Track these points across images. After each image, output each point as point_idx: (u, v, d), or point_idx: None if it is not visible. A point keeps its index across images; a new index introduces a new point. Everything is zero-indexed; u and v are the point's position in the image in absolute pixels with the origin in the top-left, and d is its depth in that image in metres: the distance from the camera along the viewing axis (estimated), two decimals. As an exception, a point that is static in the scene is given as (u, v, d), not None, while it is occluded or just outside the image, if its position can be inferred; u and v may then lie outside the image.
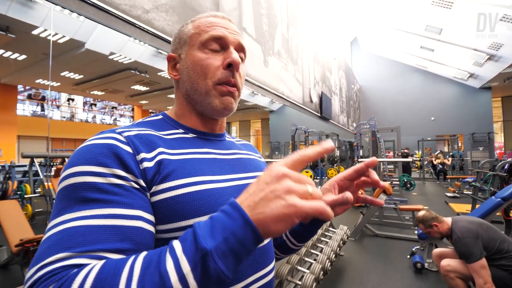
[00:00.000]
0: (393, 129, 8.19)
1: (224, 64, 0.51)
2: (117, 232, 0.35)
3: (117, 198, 0.37)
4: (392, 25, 11.09)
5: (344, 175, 0.52)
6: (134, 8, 1.91)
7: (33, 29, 5.65)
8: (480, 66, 9.96)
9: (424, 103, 13.72)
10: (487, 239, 1.93)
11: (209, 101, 0.52)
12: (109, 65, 8.19)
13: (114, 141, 0.41)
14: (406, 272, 2.81)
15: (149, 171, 0.42)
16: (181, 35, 0.54)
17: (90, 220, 0.34)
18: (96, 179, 0.37)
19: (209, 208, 0.44)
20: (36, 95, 12.92)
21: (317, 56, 6.03)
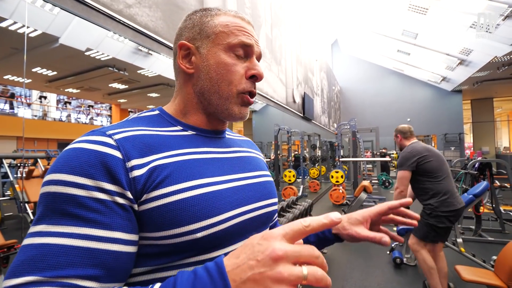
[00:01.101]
0: (372, 129, 8.47)
1: (248, 74, 0.51)
2: (90, 256, 0.34)
3: (96, 217, 0.36)
4: (371, 29, 11.46)
5: (379, 211, 0.54)
6: (115, 2, 1.84)
7: (1, 21, 5.31)
8: (452, 70, 10.51)
9: (400, 105, 14.27)
10: (432, 167, 2.13)
11: (228, 107, 0.51)
12: (85, 62, 7.84)
13: (103, 147, 0.39)
14: (386, 268, 2.91)
15: (139, 179, 0.40)
16: (203, 26, 0.51)
17: (66, 239, 0.34)
18: (78, 192, 0.36)
19: (204, 214, 0.42)
20: (4, 92, 12.16)
21: (300, 57, 6.11)
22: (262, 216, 0.53)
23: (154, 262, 0.41)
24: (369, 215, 0.54)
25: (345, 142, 10.59)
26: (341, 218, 0.31)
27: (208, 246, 0.43)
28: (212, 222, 0.42)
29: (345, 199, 5.82)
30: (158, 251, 0.41)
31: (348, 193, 6.43)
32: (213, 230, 0.43)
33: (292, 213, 2.87)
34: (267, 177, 0.60)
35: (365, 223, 0.55)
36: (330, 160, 10.05)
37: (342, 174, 5.97)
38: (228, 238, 0.46)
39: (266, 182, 0.58)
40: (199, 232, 0.41)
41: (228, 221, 0.45)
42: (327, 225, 0.31)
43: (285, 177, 6.56)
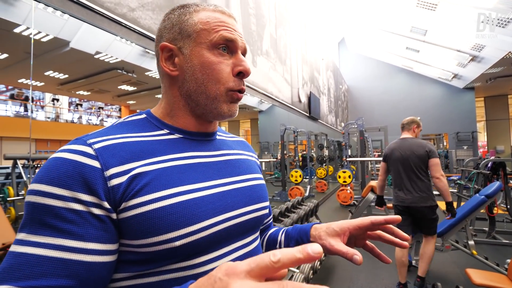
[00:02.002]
0: (380, 128, 8.33)
1: (234, 71, 0.49)
2: (63, 266, 0.35)
3: (71, 228, 0.37)
4: (378, 26, 11.29)
5: (359, 224, 0.51)
6: (119, 6, 1.86)
7: (15, 27, 5.46)
8: (463, 67, 10.26)
9: (410, 103, 14.03)
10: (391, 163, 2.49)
11: (217, 106, 0.49)
12: (95, 65, 7.99)
13: (82, 157, 0.39)
14: (394, 270, 2.86)
15: (118, 188, 0.40)
16: (182, 25, 0.49)
17: (41, 249, 0.35)
18: (55, 203, 0.37)
19: (183, 222, 0.41)
20: (19, 95, 12.52)
21: (305, 57, 6.07)
22: (250, 221, 0.52)
23: (135, 268, 0.42)
24: (348, 228, 0.52)
25: (353, 142, 10.46)
26: (320, 252, 0.25)
27: (189, 253, 0.43)
28: (191, 230, 0.42)
29: (353, 200, 5.75)
30: (138, 258, 0.41)
31: (356, 193, 6.35)
32: (192, 238, 0.42)
33: (297, 214, 2.85)
34: (257, 180, 0.58)
35: (342, 236, 0.51)
36: (338, 160, 9.95)
37: (349, 174, 5.90)
38: (211, 245, 0.45)
39: (255, 186, 0.56)
40: (178, 240, 0.41)
41: (210, 228, 0.44)
42: (301, 261, 0.25)
43: (292, 177, 6.53)
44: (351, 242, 0.55)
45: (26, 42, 6.08)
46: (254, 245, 0.54)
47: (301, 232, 0.59)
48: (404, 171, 2.37)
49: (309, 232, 0.57)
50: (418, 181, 2.32)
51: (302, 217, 2.88)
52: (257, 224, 0.55)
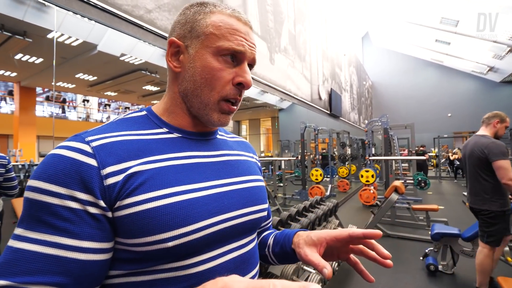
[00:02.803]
0: (406, 126, 7.96)
1: (235, 81, 0.48)
2: (58, 264, 0.36)
3: (67, 226, 0.37)
4: (405, 19, 10.77)
5: (337, 236, 0.49)
6: (136, 8, 1.91)
7: (48, 33, 5.82)
8: (500, 59, 9.53)
9: (439, 99, 13.27)
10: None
11: (207, 113, 0.49)
12: (121, 66, 8.34)
13: (80, 155, 0.39)
14: (418, 274, 2.72)
15: (114, 186, 0.40)
16: (194, 24, 0.48)
17: (37, 246, 0.36)
18: (52, 200, 0.37)
19: (177, 223, 0.41)
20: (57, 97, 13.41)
21: (326, 52, 5.92)
22: (247, 223, 0.51)
23: (128, 266, 0.42)
24: (325, 239, 0.50)
25: (378, 140, 10.08)
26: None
27: (182, 254, 0.42)
28: (185, 231, 0.41)
29: (376, 200, 5.55)
30: (131, 257, 0.41)
31: (380, 193, 6.12)
32: (186, 239, 0.41)
33: (315, 213, 2.79)
34: (256, 182, 0.57)
35: (319, 246, 0.50)
36: (361, 158, 9.64)
37: (372, 174, 5.69)
38: (205, 246, 0.44)
39: (253, 188, 0.55)
40: (170, 241, 0.40)
41: (204, 229, 0.43)
42: None
43: (312, 176, 6.42)
44: (333, 254, 0.53)
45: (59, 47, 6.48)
46: (249, 247, 0.53)
47: (285, 237, 0.58)
48: (467, 171, 2.26)
49: (292, 238, 0.56)
50: (476, 182, 2.17)
51: (320, 216, 2.81)
52: (254, 226, 0.54)
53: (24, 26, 5.44)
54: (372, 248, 0.48)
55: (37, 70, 8.37)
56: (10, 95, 11.56)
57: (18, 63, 7.51)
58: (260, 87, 3.25)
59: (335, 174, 7.49)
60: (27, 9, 5.14)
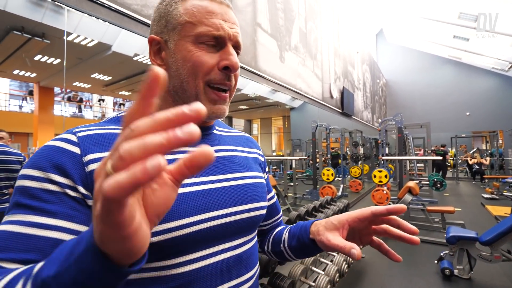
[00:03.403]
0: (422, 125, 7.73)
1: (220, 65, 0.45)
2: (27, 241, 0.34)
3: (42, 206, 0.36)
4: (421, 15, 10.45)
5: (359, 216, 0.46)
6: (145, 7, 1.93)
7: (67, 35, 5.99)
8: (523, 55, 9.11)
9: (457, 97, 12.81)
10: None
11: None
12: (134, 66, 8.49)
13: (64, 144, 0.40)
14: (432, 279, 2.63)
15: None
16: (168, 17, 0.46)
17: (11, 226, 0.35)
18: (30, 184, 0.37)
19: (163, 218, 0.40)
20: (75, 97, 13.85)
21: (338, 50, 5.82)
22: (241, 222, 0.49)
23: None
24: (347, 220, 0.46)
25: (393, 139, 9.84)
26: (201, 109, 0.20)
27: (166, 252, 0.40)
28: (168, 227, 0.40)
29: (389, 201, 5.41)
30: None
31: (393, 194, 5.97)
32: (169, 236, 0.39)
33: (325, 214, 2.74)
34: (253, 178, 0.54)
35: (341, 229, 0.47)
36: (374, 158, 9.44)
37: (385, 174, 5.55)
38: (191, 245, 0.42)
39: (249, 185, 0.53)
40: (153, 236, 0.38)
41: (189, 226, 0.41)
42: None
43: (323, 176, 6.33)
44: (355, 238, 0.49)
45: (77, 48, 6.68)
46: (245, 248, 0.50)
47: (302, 228, 0.56)
48: None
49: (309, 228, 0.53)
50: None
51: (329, 217, 2.77)
52: (251, 225, 0.52)
53: (42, 28, 5.63)
54: (397, 226, 0.44)
55: (55, 70, 8.65)
56: (30, 95, 12.02)
57: (37, 64, 7.79)
58: (270, 85, 3.23)
59: (347, 174, 7.37)
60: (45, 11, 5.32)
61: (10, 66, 8.17)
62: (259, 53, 3.05)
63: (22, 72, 8.98)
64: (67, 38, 6.52)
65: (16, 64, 7.94)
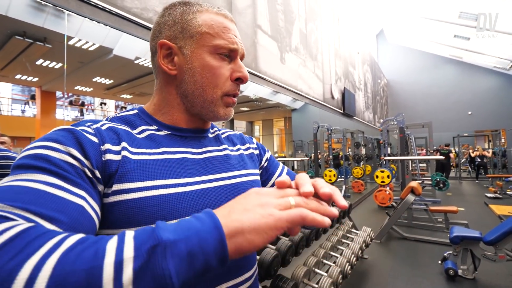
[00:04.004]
0: (424, 125, 7.70)
1: (233, 77, 0.50)
2: (57, 201, 0.32)
3: (65, 174, 0.35)
4: (421, 14, 10.44)
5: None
6: (145, 10, 1.94)
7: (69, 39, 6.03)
8: (524, 54, 9.07)
9: (459, 97, 12.77)
10: None
11: (214, 110, 0.50)
12: (136, 69, 8.51)
13: (81, 132, 0.40)
14: (436, 279, 2.61)
15: (112, 164, 0.40)
16: (185, 24, 0.48)
17: (34, 183, 0.32)
18: (50, 153, 0.35)
19: (161, 216, 0.40)
20: (76, 101, 13.93)
21: (339, 51, 5.82)
22: None
23: None
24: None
25: (394, 139, 9.81)
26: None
27: None
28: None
29: (392, 201, 5.39)
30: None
31: (396, 194, 5.95)
32: None
33: (327, 215, 2.73)
34: (249, 176, 0.56)
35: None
36: (376, 158, 9.41)
37: (388, 174, 5.53)
38: None
39: (244, 183, 0.54)
40: None
41: None
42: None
43: (325, 177, 6.31)
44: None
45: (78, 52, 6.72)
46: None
47: None
48: None
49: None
50: None
51: (332, 218, 2.75)
52: None
53: (44, 32, 5.67)
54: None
55: (57, 75, 8.70)
56: (32, 99, 12.09)
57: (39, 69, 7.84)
58: (271, 87, 3.23)
59: (349, 174, 7.35)
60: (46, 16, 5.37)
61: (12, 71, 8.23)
62: (259, 54, 3.06)
63: (24, 76, 9.03)
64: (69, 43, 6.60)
65: (18, 68, 8.00)
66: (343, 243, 2.73)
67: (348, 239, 2.88)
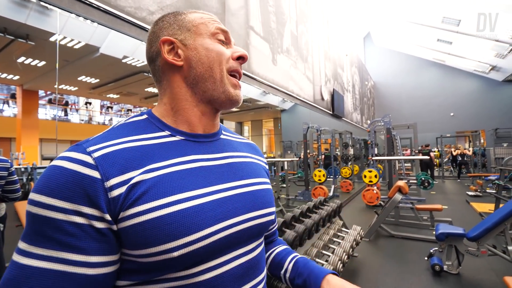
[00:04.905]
0: (409, 126, 7.94)
1: (234, 56, 0.53)
2: (69, 280, 0.36)
3: (73, 241, 0.37)
4: (406, 19, 10.75)
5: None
6: (139, 10, 1.92)
7: (51, 36, 5.85)
8: (502, 58, 9.49)
9: (442, 99, 13.21)
10: None
11: (225, 89, 0.51)
12: (123, 69, 8.37)
13: (82, 167, 0.38)
14: (423, 275, 2.70)
15: (118, 198, 0.39)
16: (180, 22, 0.51)
17: (45, 263, 0.35)
18: (56, 216, 0.36)
19: (181, 232, 0.40)
20: (60, 100, 13.45)
21: (328, 53, 5.91)
22: (253, 228, 0.50)
23: (136, 277, 0.42)
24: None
25: (381, 140, 10.05)
26: None
27: (188, 263, 0.42)
28: (190, 240, 0.41)
29: (379, 200, 5.52)
30: (138, 268, 0.41)
31: (383, 194, 6.10)
32: (191, 248, 0.41)
33: (319, 214, 2.78)
34: (262, 185, 0.56)
35: None
36: (363, 159, 9.61)
37: (375, 174, 5.67)
38: (211, 254, 0.44)
39: (259, 191, 0.54)
40: (176, 251, 0.40)
41: (209, 237, 0.42)
42: None
43: (315, 177, 6.40)
44: None
45: (62, 50, 6.51)
46: (257, 252, 0.52)
47: (311, 275, 0.57)
48: None
49: (321, 282, 0.55)
50: None
51: (324, 217, 2.80)
52: (261, 230, 0.53)
53: (26, 29, 5.47)
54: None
55: (40, 73, 8.41)
56: (12, 98, 11.62)
57: (20, 66, 7.55)
58: (263, 87, 3.25)
59: (338, 174, 7.47)
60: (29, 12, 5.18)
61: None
62: (252, 55, 3.08)
63: (4, 74, 8.69)
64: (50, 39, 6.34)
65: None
66: (335, 241, 2.78)
67: (339, 237, 2.94)
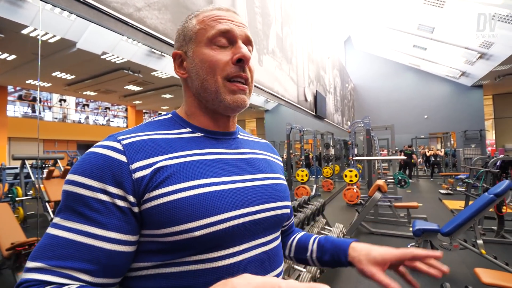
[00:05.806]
0: (387, 127, 8.27)
1: (233, 59, 0.49)
2: (87, 251, 0.39)
3: (96, 216, 0.40)
4: (385, 24, 11.18)
5: (401, 257, 0.54)
6: (125, 6, 1.87)
7: (23, 29, 5.53)
8: (471, 65, 10.10)
9: (417, 102, 13.85)
10: None
11: (221, 99, 0.50)
12: (102, 65, 8.08)
13: (111, 152, 0.43)
14: (401, 269, 2.83)
15: (142, 180, 0.42)
16: (185, 31, 0.52)
17: (70, 234, 0.40)
18: (85, 192, 0.41)
19: (202, 213, 0.43)
20: (27, 96, 12.68)
21: (312, 55, 6.03)
22: (270, 218, 0.52)
23: (157, 258, 0.44)
24: (390, 259, 0.54)
25: (360, 141, 10.38)
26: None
27: (208, 245, 0.44)
28: (210, 222, 0.43)
29: (359, 199, 5.72)
30: (159, 248, 0.43)
31: (363, 192, 6.31)
32: (211, 230, 0.43)
33: (304, 213, 2.84)
34: (278, 179, 0.59)
35: (383, 266, 0.54)
36: (344, 159, 9.89)
37: (356, 173, 5.86)
38: (230, 239, 0.46)
39: (275, 185, 0.57)
40: (197, 230, 0.42)
41: (229, 221, 0.45)
42: None
43: (298, 176, 6.51)
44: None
45: (33, 43, 6.17)
46: (274, 245, 0.54)
47: (337, 248, 0.61)
48: None
49: (348, 251, 0.59)
50: None
51: (309, 216, 2.87)
52: (278, 222, 0.55)
53: (-5, 21, 5.14)
54: (432, 265, 0.54)
55: (10, 67, 7.92)
56: (-22, 93, 10.83)
57: (-11, 60, 7.08)
58: (249, 88, 3.27)
59: (320, 174, 7.64)
60: None
61: (-46, 62, 7.35)
62: (238, 56, 3.08)
63: (-31, 68, 8.11)
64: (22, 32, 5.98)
65: (-39, 59, 7.17)
66: (318, 239, 2.85)
67: (323, 235, 3.02)
